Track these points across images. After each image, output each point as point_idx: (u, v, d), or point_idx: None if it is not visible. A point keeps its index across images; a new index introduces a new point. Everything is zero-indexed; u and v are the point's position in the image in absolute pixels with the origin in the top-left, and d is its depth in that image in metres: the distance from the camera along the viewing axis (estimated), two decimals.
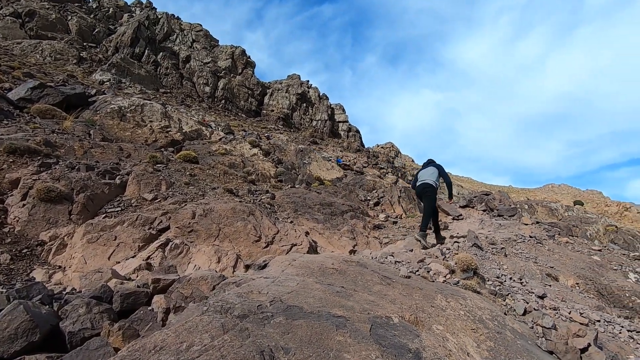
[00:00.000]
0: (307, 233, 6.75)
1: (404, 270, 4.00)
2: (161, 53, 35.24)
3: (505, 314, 4.05)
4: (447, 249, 6.11)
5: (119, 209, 6.09)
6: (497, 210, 12.95)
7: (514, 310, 4.22)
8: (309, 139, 34.93)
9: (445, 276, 4.49)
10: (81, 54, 28.37)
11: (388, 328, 2.55)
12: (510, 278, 5.49)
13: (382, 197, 12.44)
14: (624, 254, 8.87)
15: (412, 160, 65.23)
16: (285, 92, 42.56)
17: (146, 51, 33.85)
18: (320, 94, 45.49)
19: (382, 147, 51.40)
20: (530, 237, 7.68)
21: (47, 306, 2.72)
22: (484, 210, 14.37)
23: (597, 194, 66.88)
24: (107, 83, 24.94)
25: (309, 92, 44.38)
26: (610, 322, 4.48)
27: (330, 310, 2.58)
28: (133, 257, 4.97)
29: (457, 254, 6.06)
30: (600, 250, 8.53)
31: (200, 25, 43.96)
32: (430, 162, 6.86)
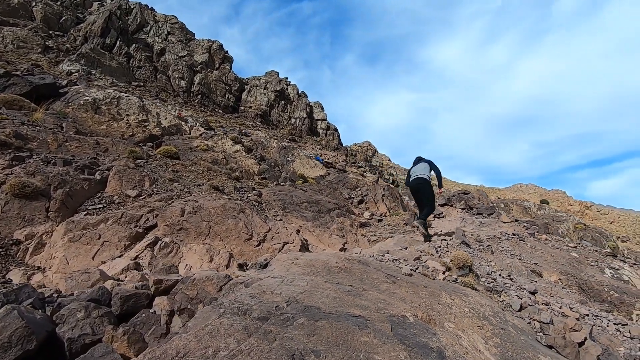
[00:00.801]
0: (298, 231, 6.64)
1: (406, 268, 3.98)
2: (134, 45, 33.92)
3: (502, 309, 4.12)
4: (438, 246, 6.18)
5: (101, 206, 5.76)
6: (477, 208, 13.28)
7: (510, 306, 4.30)
8: (287, 137, 34.65)
9: (443, 273, 4.52)
10: (47, 43, 26.81)
11: (407, 327, 2.50)
12: (500, 275, 5.61)
13: (365, 195, 12.48)
14: (596, 251, 9.30)
15: (389, 159, 66.07)
16: (264, 89, 42.00)
17: (118, 42, 32.47)
18: (299, 92, 45.24)
19: (359, 146, 51.77)
20: (513, 234, 7.91)
21: (40, 310, 2.49)
22: (462, 209, 14.72)
23: (562, 194, 70.42)
24: (76, 74, 23.72)
25: (287, 89, 44.02)
26: (597, 316, 4.64)
27: (347, 310, 2.51)
28: (120, 256, 4.70)
29: (449, 251, 6.14)
30: (575, 247, 8.90)
31: (176, 17, 42.58)
32: (420, 159, 6.96)
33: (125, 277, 4.28)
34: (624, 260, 8.91)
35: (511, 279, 5.41)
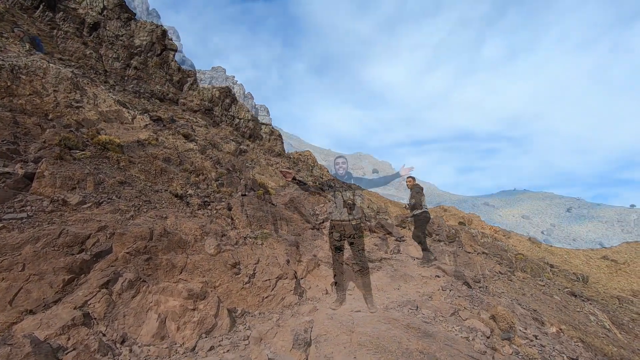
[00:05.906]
0: (287, 261, 5.44)
1: (480, 345, 3.13)
2: (61, 12, 29.36)
3: None
4: (459, 296, 5.45)
5: (24, 215, 4.00)
6: (437, 234, 13.14)
7: None
8: (230, 137, 32.53)
9: (488, 338, 3.74)
10: None
11: None
12: (519, 328, 5.04)
13: (331, 212, 11.56)
14: (559, 289, 9.45)
15: (328, 171, 66.25)
16: (208, 84, 39.35)
17: (41, 6, 27.76)
18: (245, 92, 43.53)
19: (300, 155, 51.11)
20: (501, 273, 7.58)
21: None
22: None
23: (477, 217, 77.36)
24: None
25: (233, 87, 41.97)
26: None
27: None
28: (56, 301, 3.13)
29: (460, 296, 5.46)
30: (544, 285, 8.91)
31: None
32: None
33: (69, 339, 2.77)
34: (583, 299, 9.14)
35: (535, 336, 4.86)
